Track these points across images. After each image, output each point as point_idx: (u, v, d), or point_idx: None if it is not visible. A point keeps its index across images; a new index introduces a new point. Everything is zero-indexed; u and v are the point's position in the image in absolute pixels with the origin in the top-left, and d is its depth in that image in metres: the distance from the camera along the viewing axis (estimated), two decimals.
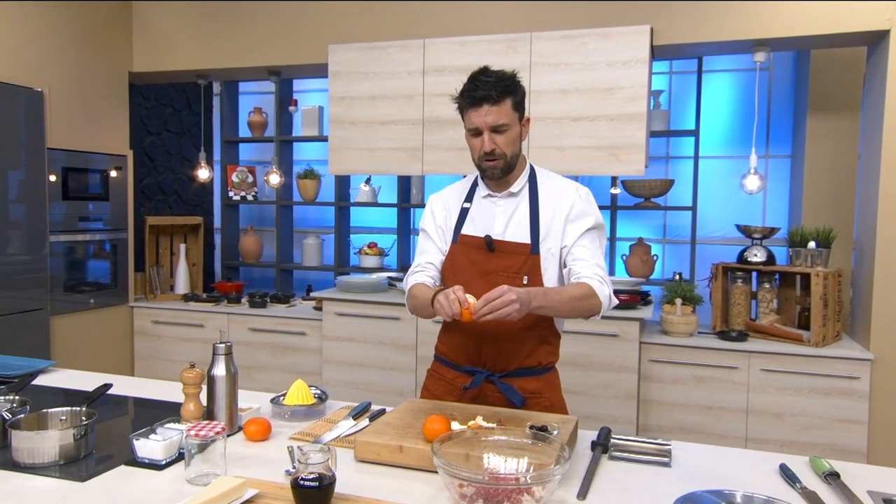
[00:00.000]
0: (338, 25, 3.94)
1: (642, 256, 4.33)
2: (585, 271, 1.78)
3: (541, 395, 1.84)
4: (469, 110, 1.76)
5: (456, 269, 1.87)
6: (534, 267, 1.81)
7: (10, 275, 3.56)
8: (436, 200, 1.98)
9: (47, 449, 1.43)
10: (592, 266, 1.79)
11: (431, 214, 1.96)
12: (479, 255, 1.84)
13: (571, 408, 3.45)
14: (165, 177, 5.34)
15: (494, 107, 1.73)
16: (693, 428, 3.41)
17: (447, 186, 2.02)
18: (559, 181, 1.91)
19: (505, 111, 1.74)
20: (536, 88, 3.51)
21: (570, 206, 1.83)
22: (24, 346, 3.61)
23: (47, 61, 3.78)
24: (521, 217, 1.85)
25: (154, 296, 4.49)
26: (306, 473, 1.21)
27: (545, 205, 1.85)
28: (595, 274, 1.78)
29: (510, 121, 1.76)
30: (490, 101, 1.72)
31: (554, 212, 1.84)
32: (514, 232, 1.84)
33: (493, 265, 1.82)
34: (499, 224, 1.85)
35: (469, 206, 1.91)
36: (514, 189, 1.86)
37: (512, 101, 1.76)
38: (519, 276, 1.80)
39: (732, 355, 3.34)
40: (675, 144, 4.67)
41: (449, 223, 1.92)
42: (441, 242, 1.93)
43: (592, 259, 1.80)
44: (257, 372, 4.10)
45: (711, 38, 3.36)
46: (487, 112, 1.73)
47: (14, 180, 3.58)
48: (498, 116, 1.73)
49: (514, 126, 1.78)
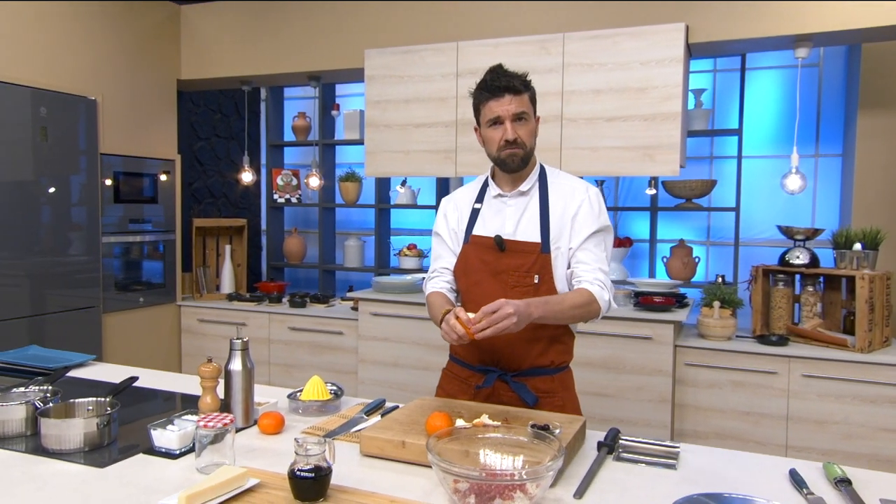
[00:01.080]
0: (373, 30, 4.01)
1: (683, 258, 4.25)
2: (587, 276, 1.79)
3: (554, 395, 1.84)
4: (490, 101, 1.80)
5: (468, 269, 1.89)
6: (545, 266, 1.81)
7: (66, 274, 3.76)
8: (447, 203, 2.01)
9: (73, 436, 1.51)
10: (595, 271, 1.80)
11: (444, 218, 1.99)
12: (491, 254, 1.86)
13: (603, 410, 3.42)
14: (214, 180, 5.52)
15: (517, 97, 1.78)
16: (730, 434, 3.33)
17: (458, 188, 2.05)
18: (569, 180, 1.91)
19: (526, 102, 1.80)
20: (569, 89, 3.50)
21: (577, 206, 1.84)
22: (78, 342, 3.80)
23: (100, 71, 3.98)
24: (532, 216, 1.86)
25: (200, 295, 4.66)
26: (304, 464, 1.25)
27: (555, 204, 1.86)
28: (596, 279, 1.79)
29: (530, 112, 1.82)
30: (512, 91, 1.77)
31: (563, 211, 1.85)
32: (525, 231, 1.85)
33: (504, 264, 1.84)
34: (509, 223, 1.87)
35: (480, 206, 1.93)
36: (524, 188, 1.88)
37: (530, 95, 1.83)
38: (530, 275, 1.81)
39: (772, 360, 3.25)
40: (721, 144, 4.56)
41: (461, 225, 1.95)
42: (455, 246, 1.96)
43: (595, 263, 1.81)
44: (297, 370, 4.20)
45: (750, 34, 3.28)
46: (510, 101, 1.77)
47: (71, 185, 3.78)
48: (520, 105, 1.78)
49: (531, 118, 1.83)
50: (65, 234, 3.76)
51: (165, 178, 4.44)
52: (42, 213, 3.62)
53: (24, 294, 3.55)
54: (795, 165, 3.40)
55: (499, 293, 1.80)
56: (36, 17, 3.61)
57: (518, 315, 1.55)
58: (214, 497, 1.22)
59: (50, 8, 3.68)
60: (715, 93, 4.56)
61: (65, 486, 1.35)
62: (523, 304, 1.59)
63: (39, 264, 3.61)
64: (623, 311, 3.46)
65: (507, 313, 1.53)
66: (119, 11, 4.08)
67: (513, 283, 1.83)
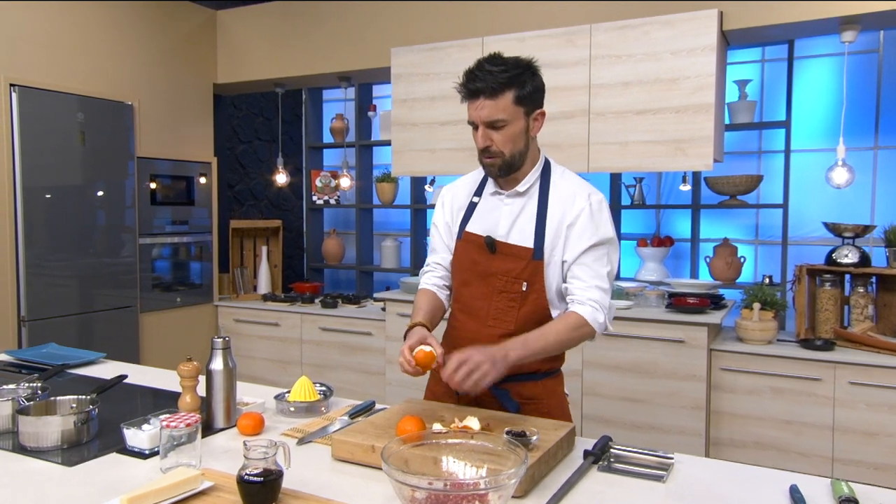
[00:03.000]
0: (400, 28, 3.98)
1: (727, 258, 4.05)
2: (580, 294, 1.66)
3: (538, 401, 1.74)
4: (468, 102, 1.68)
5: (459, 267, 1.81)
6: (535, 273, 1.70)
7: (104, 275, 3.87)
8: (447, 193, 1.91)
9: (49, 434, 1.51)
10: (589, 289, 1.66)
11: (442, 208, 1.89)
12: (481, 255, 1.76)
13: (634, 416, 3.28)
14: (257, 183, 5.61)
15: (490, 100, 1.61)
16: (770, 443, 3.14)
17: (461, 177, 1.94)
18: (572, 184, 1.76)
19: (503, 106, 1.61)
20: (596, 82, 3.37)
21: (576, 214, 1.69)
22: (115, 341, 3.91)
23: (138, 76, 4.09)
24: (528, 219, 1.74)
25: (237, 295, 4.73)
26: (252, 469, 1.21)
27: (554, 208, 1.72)
28: (590, 299, 1.65)
29: (509, 116, 1.62)
30: (486, 94, 1.61)
31: (561, 217, 1.71)
32: (519, 234, 1.73)
33: (493, 267, 1.73)
34: (503, 224, 1.75)
35: (478, 200, 1.83)
36: (521, 188, 1.75)
37: (514, 94, 1.61)
38: (519, 281, 1.70)
39: (815, 366, 3.05)
40: (770, 138, 4.32)
41: (456, 218, 1.86)
42: (449, 239, 1.87)
43: (592, 280, 1.67)
44: (327, 371, 4.21)
45: (789, 18, 3.09)
46: (482, 106, 1.62)
47: (108, 187, 3.89)
48: (493, 111, 1.61)
49: (514, 122, 1.64)
50: (103, 236, 3.87)
51: (203, 181, 4.52)
52: (82, 216, 3.74)
53: (66, 293, 3.67)
54: (842, 158, 3.18)
55: (486, 296, 1.71)
56: (75, 25, 3.73)
57: (491, 362, 1.48)
58: (159, 500, 1.19)
59: (88, 16, 3.80)
60: (763, 84, 4.32)
61: (26, 484, 1.35)
62: (497, 348, 1.52)
63: (79, 265, 3.73)
64: (654, 313, 3.31)
65: (477, 362, 1.47)
66: (156, 18, 4.18)
67: (500, 288, 1.72)
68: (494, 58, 1.66)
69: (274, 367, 4.38)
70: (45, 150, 3.55)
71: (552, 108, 3.57)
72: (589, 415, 3.44)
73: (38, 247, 3.54)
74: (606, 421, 3.39)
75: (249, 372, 4.51)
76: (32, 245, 3.51)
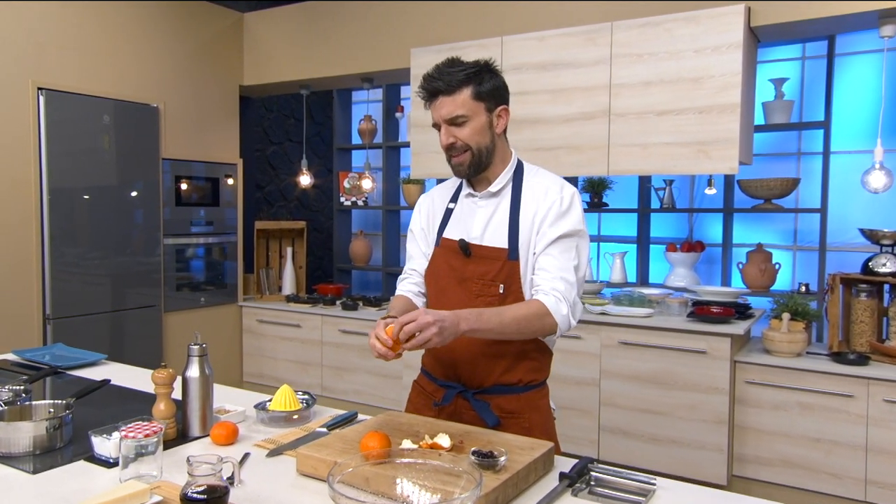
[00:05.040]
0: (420, 29, 3.93)
1: (760, 265, 3.87)
2: (544, 285, 1.60)
3: (519, 416, 1.66)
4: (429, 106, 1.66)
5: (436, 274, 1.76)
6: (511, 274, 1.64)
7: (129, 274, 3.94)
8: (424, 200, 1.88)
9: (20, 440, 1.51)
10: (554, 279, 1.60)
11: (419, 215, 1.86)
12: (457, 260, 1.71)
13: (653, 429, 3.16)
14: (287, 184, 5.65)
15: (448, 97, 1.60)
16: (799, 462, 2.97)
17: (438, 185, 1.91)
18: (545, 180, 1.71)
19: (461, 101, 1.60)
20: (617, 82, 3.25)
21: (548, 207, 1.64)
22: (139, 341, 3.98)
23: (164, 79, 4.14)
24: (501, 219, 1.69)
25: (261, 296, 4.75)
26: (196, 485, 1.17)
27: (527, 206, 1.67)
28: (554, 290, 1.58)
29: (468, 111, 1.61)
30: (444, 93, 1.60)
31: (535, 213, 1.66)
32: (493, 235, 1.68)
33: (469, 272, 1.68)
34: (477, 226, 1.70)
35: (454, 206, 1.79)
36: (494, 188, 1.70)
37: (472, 90, 1.61)
38: (495, 283, 1.64)
39: (848, 381, 2.87)
40: (809, 139, 4.11)
41: (432, 225, 1.81)
42: (426, 247, 1.83)
43: (558, 272, 1.60)
44: (347, 373, 4.19)
45: (820, 12, 2.92)
46: (442, 104, 1.61)
47: (134, 189, 3.95)
48: (452, 107, 1.60)
49: (475, 117, 1.62)
50: (128, 236, 3.94)
51: (229, 182, 4.56)
52: (108, 217, 3.81)
53: (90, 293, 3.74)
54: (879, 160, 2.98)
55: (463, 302, 1.64)
56: (102, 29, 3.80)
57: (441, 325, 1.40)
58: None
59: (115, 20, 3.86)
60: (803, 82, 4.12)
61: None
62: (450, 314, 1.44)
63: (104, 265, 3.80)
64: (675, 322, 3.18)
65: (425, 322, 1.39)
66: (183, 21, 4.24)
67: (477, 292, 1.67)
68: (452, 60, 1.66)
69: (295, 368, 4.39)
70: (72, 152, 3.62)
71: (572, 109, 3.50)
72: (606, 426, 3.32)
73: (63, 247, 3.61)
74: (624, 433, 3.26)
75: (271, 373, 4.53)
76: (58, 245, 3.59)
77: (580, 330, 3.34)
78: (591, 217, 4.66)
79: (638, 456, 3.21)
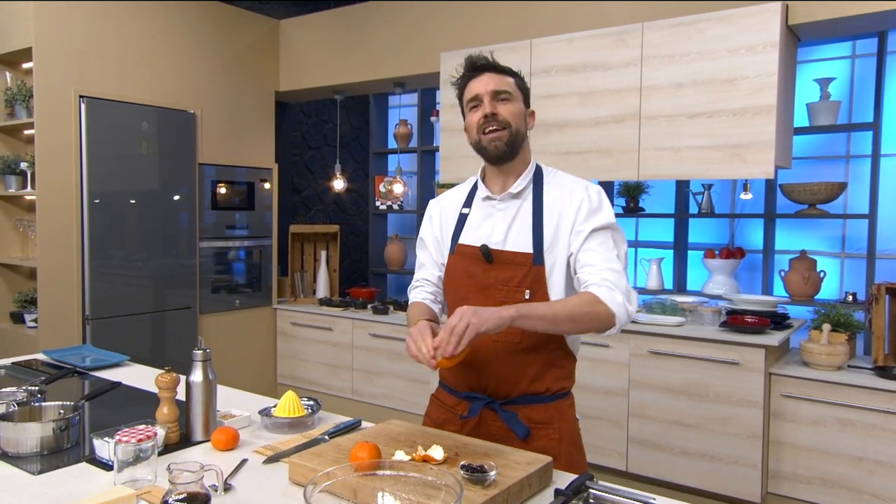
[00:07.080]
0: (450, 33, 3.92)
1: (804, 272, 3.71)
2: (593, 278, 1.53)
3: (549, 426, 1.61)
4: (470, 82, 1.65)
5: (454, 282, 1.72)
6: (537, 279, 1.59)
7: (166, 276, 4.03)
8: (434, 207, 1.83)
9: (27, 440, 1.54)
10: (602, 271, 1.54)
11: (429, 223, 1.82)
12: (478, 266, 1.66)
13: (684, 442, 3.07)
14: (325, 188, 5.70)
15: (496, 75, 1.63)
16: (839, 482, 2.83)
17: (448, 190, 1.87)
18: (567, 180, 1.68)
19: (507, 83, 1.63)
20: (648, 84, 3.17)
21: (577, 207, 1.60)
22: (175, 341, 4.06)
23: (201, 86, 4.23)
24: (524, 223, 1.64)
25: (295, 299, 4.81)
26: (176, 493, 1.17)
27: (551, 208, 1.63)
28: (604, 280, 1.52)
29: (513, 92, 1.63)
30: (492, 70, 1.63)
31: (560, 216, 1.61)
32: (516, 240, 1.63)
33: (491, 278, 1.63)
34: (498, 231, 1.66)
35: (468, 211, 1.74)
36: (515, 189, 1.66)
37: (515, 80, 1.66)
38: (520, 289, 1.59)
39: (891, 397, 2.72)
40: (858, 141, 3.93)
41: (446, 232, 1.77)
42: (438, 255, 1.79)
43: (603, 263, 1.55)
44: (377, 377, 4.19)
45: (861, 8, 2.78)
46: (489, 79, 1.62)
47: (171, 193, 4.05)
48: (500, 83, 1.62)
49: (517, 101, 1.64)
50: (165, 239, 4.03)
51: (267, 187, 4.63)
52: (145, 220, 3.91)
53: (128, 294, 3.84)
54: None
55: None
56: (141, 38, 3.91)
57: (477, 312, 1.36)
58: None
59: (154, 30, 3.96)
60: (853, 82, 3.94)
61: None
62: (494, 309, 1.40)
63: (141, 267, 3.90)
64: (707, 332, 3.07)
65: (462, 311, 1.36)
66: (221, 30, 4.32)
67: (501, 299, 1.61)
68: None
69: (326, 371, 4.42)
70: (111, 157, 3.73)
71: (601, 112, 3.42)
72: (635, 438, 3.23)
73: (103, 249, 3.72)
74: (654, 445, 3.17)
75: (304, 375, 4.57)
76: (98, 248, 3.70)
77: (608, 338, 3.26)
78: (627, 222, 4.56)
79: (668, 469, 3.11)
